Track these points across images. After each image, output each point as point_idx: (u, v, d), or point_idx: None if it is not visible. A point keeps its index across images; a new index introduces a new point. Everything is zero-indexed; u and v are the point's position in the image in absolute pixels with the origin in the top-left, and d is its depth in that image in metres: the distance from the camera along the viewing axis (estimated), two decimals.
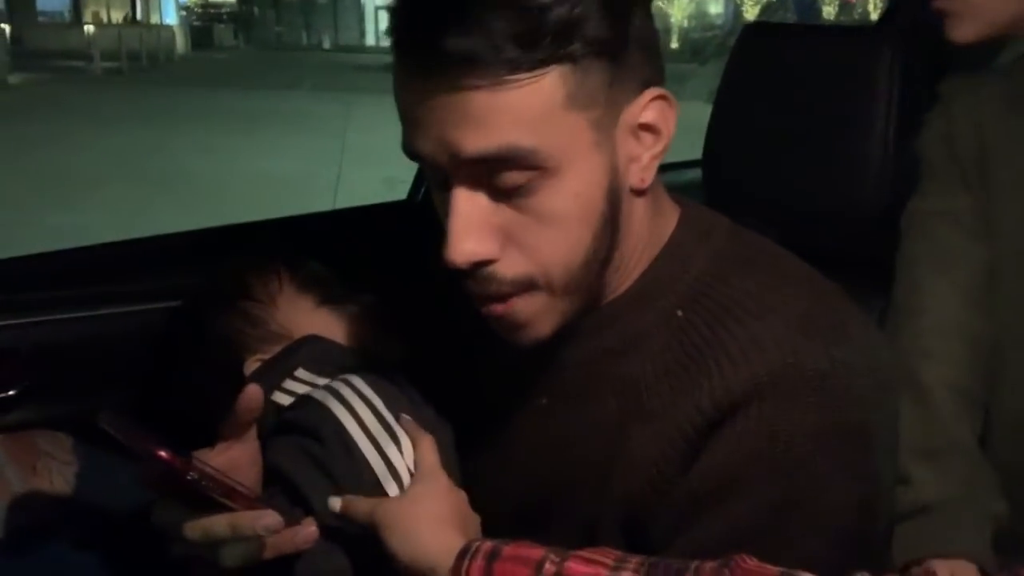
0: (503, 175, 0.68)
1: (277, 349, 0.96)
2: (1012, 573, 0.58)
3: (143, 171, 7.68)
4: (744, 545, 0.67)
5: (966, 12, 1.02)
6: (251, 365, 0.96)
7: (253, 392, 0.76)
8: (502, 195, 0.69)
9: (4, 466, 1.01)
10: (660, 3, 24.69)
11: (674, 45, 23.47)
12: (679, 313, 0.76)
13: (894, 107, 1.02)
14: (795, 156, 1.08)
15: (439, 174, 0.71)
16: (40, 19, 26.46)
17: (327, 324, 0.99)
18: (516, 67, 0.64)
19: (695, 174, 1.27)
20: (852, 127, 1.03)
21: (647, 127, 0.71)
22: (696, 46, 21.67)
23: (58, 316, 1.18)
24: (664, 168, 0.80)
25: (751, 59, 1.15)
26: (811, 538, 0.69)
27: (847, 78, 1.06)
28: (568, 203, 0.69)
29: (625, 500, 0.75)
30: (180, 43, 24.44)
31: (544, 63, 0.65)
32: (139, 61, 18.91)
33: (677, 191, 0.83)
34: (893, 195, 1.02)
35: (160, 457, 0.69)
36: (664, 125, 0.72)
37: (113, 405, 1.14)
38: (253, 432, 0.80)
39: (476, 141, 0.66)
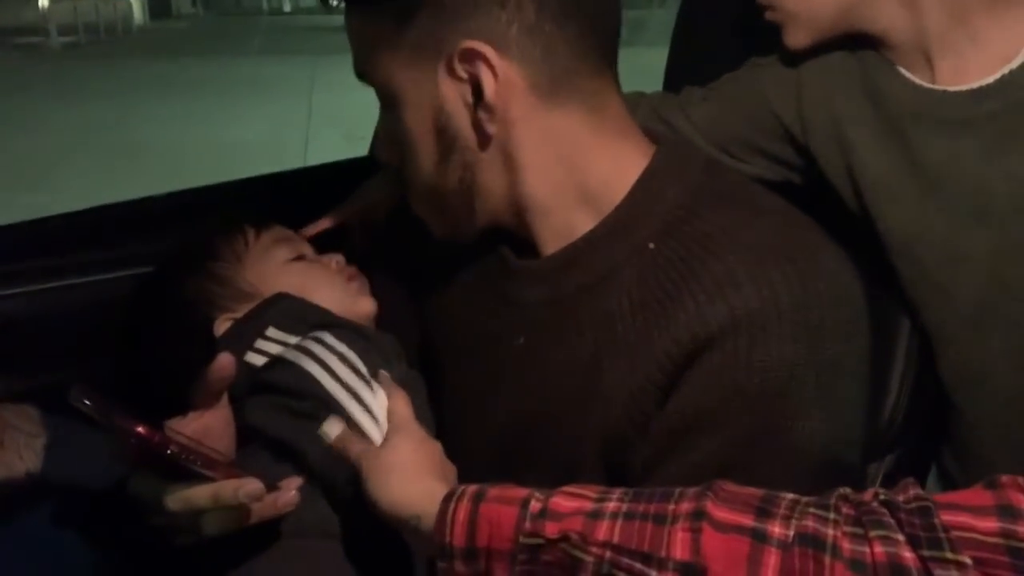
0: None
1: (247, 307, 0.95)
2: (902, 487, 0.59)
3: (107, 144, 7.56)
4: (721, 476, 0.67)
5: (789, 20, 1.02)
6: (222, 325, 0.95)
7: (225, 360, 0.76)
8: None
9: None
10: None
11: None
12: (651, 246, 0.76)
13: None
14: None
15: None
16: None
17: (295, 282, 0.98)
18: (349, 4, 0.78)
19: None
20: (808, 56, 1.03)
21: (464, 76, 0.74)
22: None
23: (18, 289, 1.17)
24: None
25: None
26: (786, 468, 0.70)
27: None
28: (403, 133, 0.79)
29: (603, 435, 0.76)
30: (138, 14, 23.99)
31: (351, 2, 0.78)
32: (97, 34, 18.57)
33: None
34: None
35: (138, 433, 0.69)
36: (483, 76, 0.73)
37: (78, 376, 1.13)
38: (225, 398, 0.79)
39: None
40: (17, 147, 7.57)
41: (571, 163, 0.78)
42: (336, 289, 1.00)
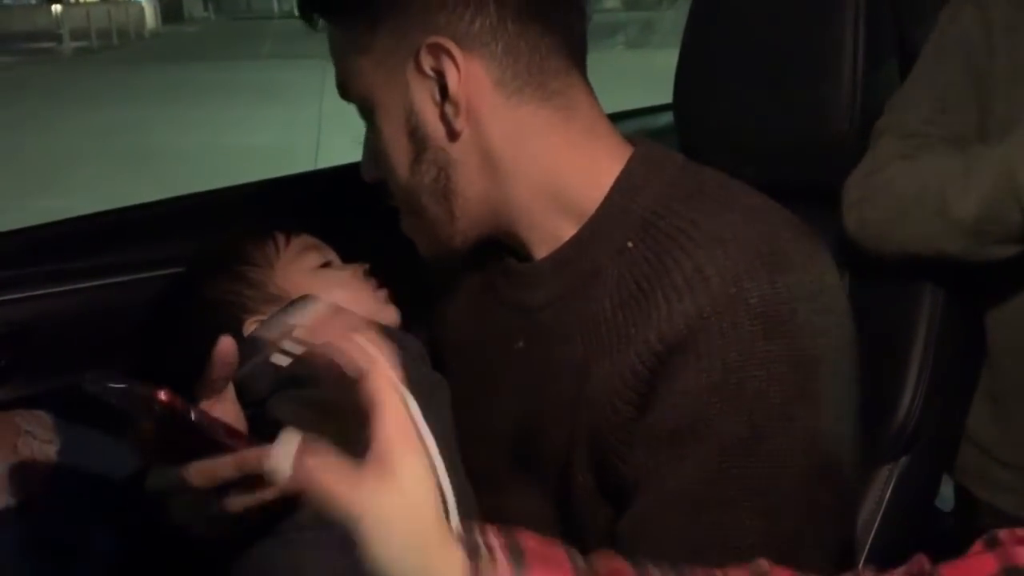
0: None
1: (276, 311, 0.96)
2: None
3: (119, 149, 7.61)
4: (716, 485, 0.68)
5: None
6: (249, 326, 0.96)
7: (226, 344, 0.74)
8: None
9: None
10: None
11: None
12: (629, 245, 0.76)
13: (861, 36, 1.01)
14: (764, 92, 1.07)
15: None
16: (6, 2, 26.06)
17: (325, 287, 0.99)
18: (321, 12, 0.81)
19: (669, 118, 1.26)
20: (820, 59, 1.02)
21: (430, 72, 0.76)
22: None
23: (31, 293, 1.17)
24: (638, 113, 0.81)
25: None
26: (780, 472, 0.69)
27: (816, 10, 1.05)
28: (380, 141, 0.81)
29: (589, 439, 0.75)
30: (150, 18, 24.12)
31: (323, 12, 0.81)
32: (109, 39, 18.68)
33: (651, 136, 0.83)
34: (863, 125, 1.01)
35: (160, 399, 0.66)
36: (447, 72, 0.75)
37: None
38: (231, 391, 0.78)
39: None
40: (31, 151, 7.62)
41: (544, 163, 0.79)
42: (363, 296, 1.01)
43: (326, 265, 1.03)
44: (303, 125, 8.08)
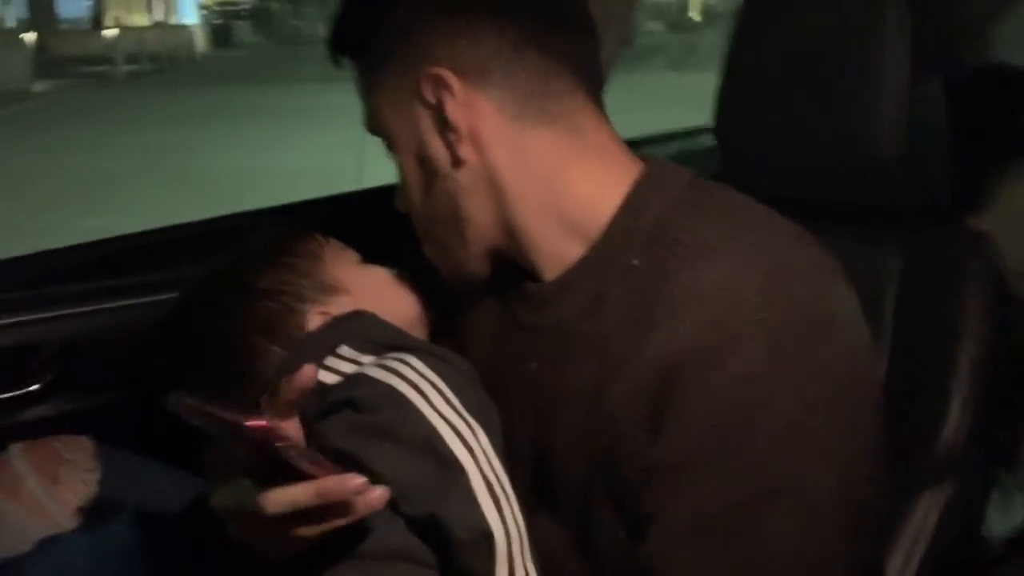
0: None
1: (337, 302, 0.95)
2: None
3: (165, 170, 7.74)
4: (735, 507, 0.68)
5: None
6: (314, 319, 0.94)
7: (308, 372, 0.74)
8: None
9: (26, 476, 1.00)
10: None
11: (695, 16, 23.25)
12: (635, 263, 0.76)
13: (905, 57, 1.00)
14: (808, 112, 1.06)
15: None
16: (62, 26, 26.70)
17: (371, 281, 0.98)
18: (341, 53, 0.87)
19: (710, 139, 1.25)
20: (864, 78, 1.01)
21: (432, 101, 0.79)
22: (718, 16, 21.45)
23: (78, 310, 1.19)
24: (678, 136, 0.81)
25: (758, 17, 1.13)
26: (799, 486, 0.68)
27: (856, 27, 1.04)
28: (399, 170, 0.86)
29: (605, 467, 0.75)
30: (200, 42, 24.57)
31: (342, 53, 0.87)
32: (160, 63, 19.05)
33: (692, 158, 0.82)
34: (908, 147, 1.00)
35: (248, 428, 0.66)
36: (446, 101, 0.78)
37: (134, 396, 1.14)
38: (295, 412, 0.77)
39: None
40: (82, 171, 7.78)
41: (550, 185, 0.80)
42: (405, 295, 0.99)
43: (368, 261, 1.01)
44: (348, 147, 8.15)
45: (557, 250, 0.81)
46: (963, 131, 1.05)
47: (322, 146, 8.27)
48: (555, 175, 0.80)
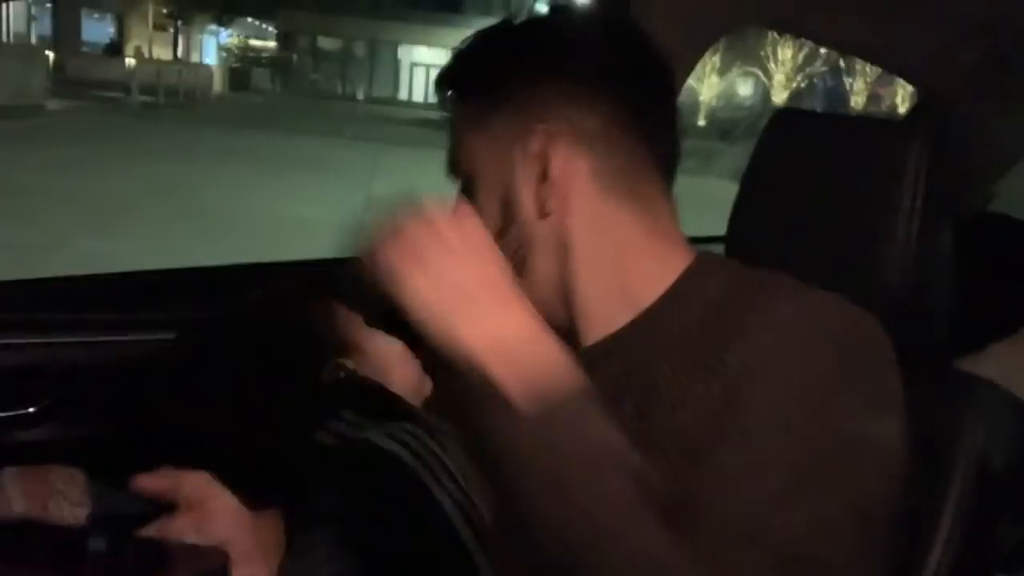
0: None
1: (354, 357, 0.98)
2: None
3: (173, 203, 7.78)
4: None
5: None
6: (334, 372, 0.97)
7: None
8: None
9: (15, 500, 1.00)
10: (691, 82, 24.97)
11: (701, 123, 23.69)
12: (692, 328, 0.80)
13: (919, 200, 1.03)
14: (818, 241, 1.09)
15: None
16: (84, 49, 27.03)
17: (382, 347, 1.01)
18: (454, 87, 0.89)
19: (719, 249, 1.28)
20: (877, 217, 1.04)
21: (534, 155, 0.83)
22: (723, 125, 21.85)
23: (85, 339, 1.20)
24: (691, 241, 0.84)
25: (780, 143, 1.16)
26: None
27: (873, 168, 1.07)
28: (479, 208, 0.85)
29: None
30: (217, 83, 24.86)
31: (456, 87, 0.89)
32: (176, 97, 19.25)
33: None
34: (915, 287, 1.03)
35: None
36: (552, 156, 0.82)
37: (129, 429, 1.14)
38: None
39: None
40: (87, 194, 7.81)
41: (620, 262, 0.84)
42: (411, 363, 1.02)
43: (370, 326, 1.04)
44: (352, 202, 8.23)
45: (605, 317, 0.84)
46: (966, 279, 1.09)
47: (326, 198, 8.34)
48: (626, 248, 0.85)
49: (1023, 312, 1.44)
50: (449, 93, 0.90)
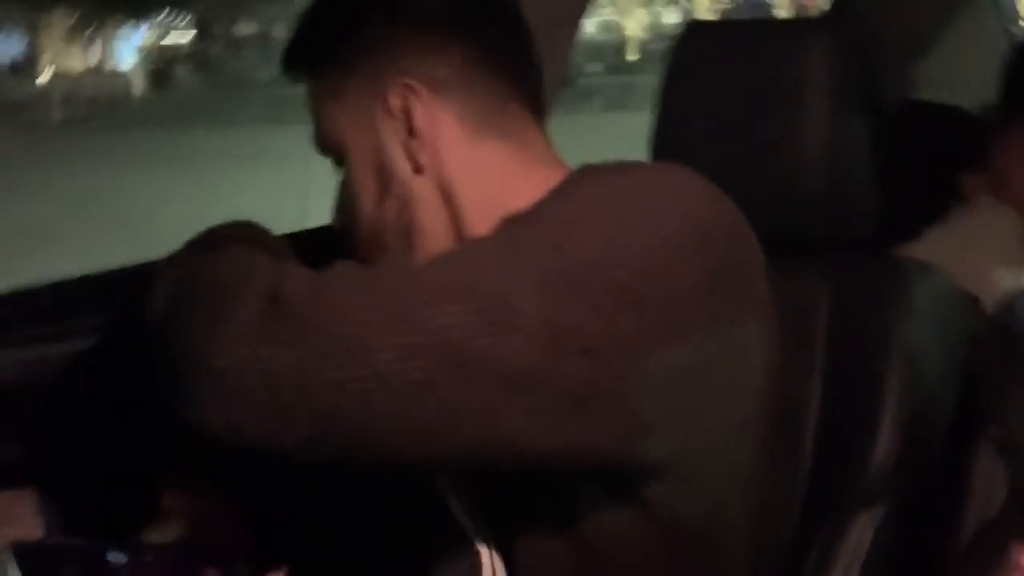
0: None
1: None
2: None
3: (107, 213, 7.65)
4: None
5: None
6: None
7: None
8: None
9: None
10: (616, 18, 24.92)
11: (632, 57, 23.65)
12: None
13: (830, 89, 1.04)
14: (735, 149, 1.09)
15: None
16: None
17: None
18: (299, 63, 0.91)
19: None
20: (790, 112, 1.05)
21: (396, 112, 0.84)
22: (654, 56, 21.79)
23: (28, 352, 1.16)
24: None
25: (690, 58, 1.16)
26: None
27: (784, 66, 1.08)
28: (349, 184, 0.88)
29: None
30: (139, 86, 24.33)
31: (301, 63, 0.90)
32: (97, 107, 18.82)
33: None
34: (833, 173, 1.04)
35: None
36: (414, 110, 0.83)
37: (69, 446, 1.11)
38: None
39: None
40: (15, 217, 7.63)
41: (501, 192, 0.85)
42: None
43: None
44: (291, 189, 8.12)
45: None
46: (887, 167, 1.09)
47: (265, 188, 8.23)
48: (506, 182, 0.86)
49: (952, 196, 1.46)
50: (299, 71, 0.90)
